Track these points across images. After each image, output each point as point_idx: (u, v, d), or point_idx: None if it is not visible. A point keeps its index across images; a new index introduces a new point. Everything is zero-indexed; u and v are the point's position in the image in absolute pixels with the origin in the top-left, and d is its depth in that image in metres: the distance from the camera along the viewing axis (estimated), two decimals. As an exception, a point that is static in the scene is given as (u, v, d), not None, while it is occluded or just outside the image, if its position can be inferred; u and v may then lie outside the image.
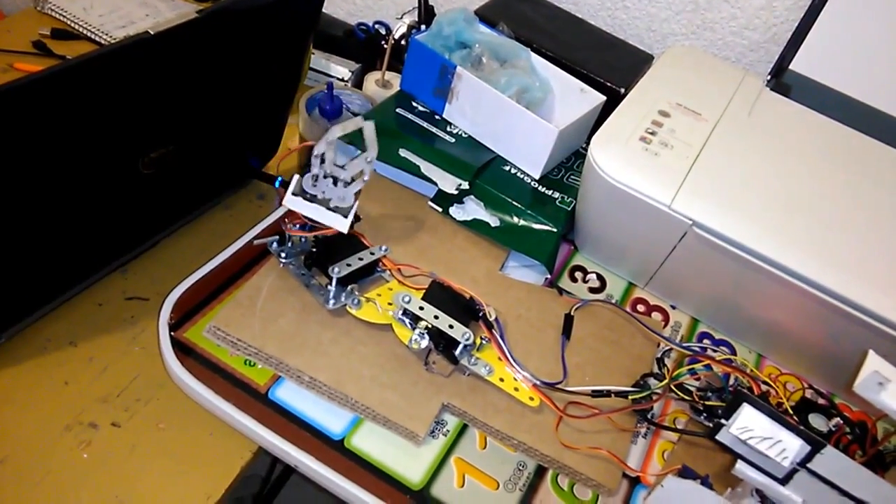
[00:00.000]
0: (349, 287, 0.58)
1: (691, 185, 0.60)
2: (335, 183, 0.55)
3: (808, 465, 0.41)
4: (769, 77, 0.77)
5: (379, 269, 0.61)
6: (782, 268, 0.57)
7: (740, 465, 0.44)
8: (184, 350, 0.55)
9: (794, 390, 0.65)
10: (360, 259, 0.59)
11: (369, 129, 0.54)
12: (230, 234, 0.64)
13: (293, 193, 0.55)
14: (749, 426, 0.42)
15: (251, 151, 0.77)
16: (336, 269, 0.57)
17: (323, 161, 0.54)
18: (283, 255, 0.60)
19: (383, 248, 0.61)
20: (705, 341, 0.69)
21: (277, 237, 0.61)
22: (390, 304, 0.58)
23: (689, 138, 0.64)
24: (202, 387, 0.53)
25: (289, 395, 0.54)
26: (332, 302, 0.57)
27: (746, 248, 0.57)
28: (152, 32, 0.48)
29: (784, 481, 0.43)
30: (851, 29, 0.75)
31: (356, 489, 0.50)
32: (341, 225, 0.56)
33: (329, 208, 0.56)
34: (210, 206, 0.75)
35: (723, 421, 0.44)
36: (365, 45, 0.98)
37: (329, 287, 0.57)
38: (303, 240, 0.60)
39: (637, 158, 0.61)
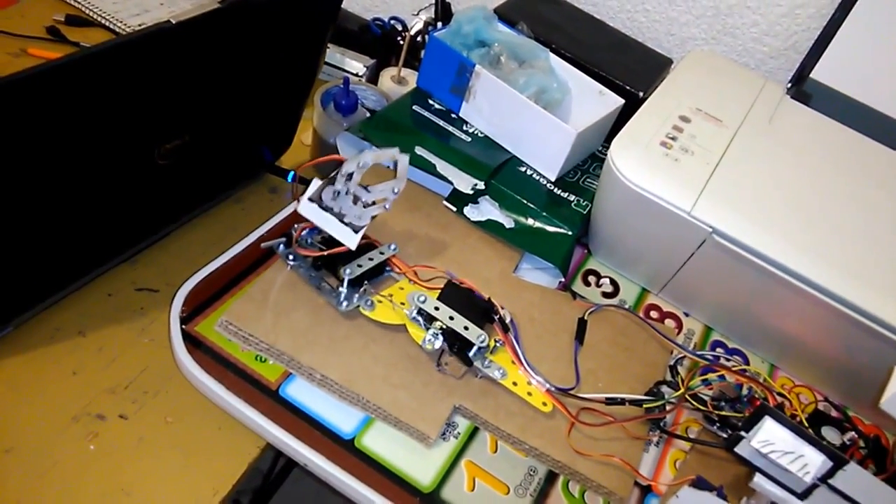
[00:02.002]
0: (361, 288, 0.57)
1: (712, 191, 0.59)
2: (354, 201, 0.54)
3: (830, 481, 0.41)
4: (790, 85, 0.77)
5: (388, 269, 0.61)
6: (802, 278, 0.56)
7: (758, 479, 0.44)
8: (193, 343, 0.54)
9: (808, 402, 0.65)
10: (371, 259, 0.58)
11: (403, 162, 0.53)
12: (241, 227, 0.64)
13: (310, 199, 0.54)
14: (770, 440, 0.41)
15: (265, 145, 0.76)
16: (347, 271, 0.56)
17: (349, 179, 0.53)
18: (290, 257, 0.59)
19: (392, 246, 0.60)
20: (718, 350, 0.68)
21: (284, 239, 0.60)
22: (403, 303, 0.57)
23: (710, 144, 0.64)
24: (213, 381, 0.52)
25: (300, 392, 0.53)
26: (344, 304, 0.56)
27: (766, 257, 0.57)
28: (174, 21, 0.48)
29: (803, 496, 0.42)
30: (874, 39, 0.75)
31: (365, 490, 0.49)
32: (351, 241, 0.55)
33: (342, 222, 0.55)
34: (222, 198, 0.74)
35: (742, 433, 0.43)
36: (380, 41, 0.97)
37: (340, 289, 0.57)
38: (309, 241, 0.59)
39: (657, 163, 0.61)
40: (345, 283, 0.56)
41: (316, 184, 0.55)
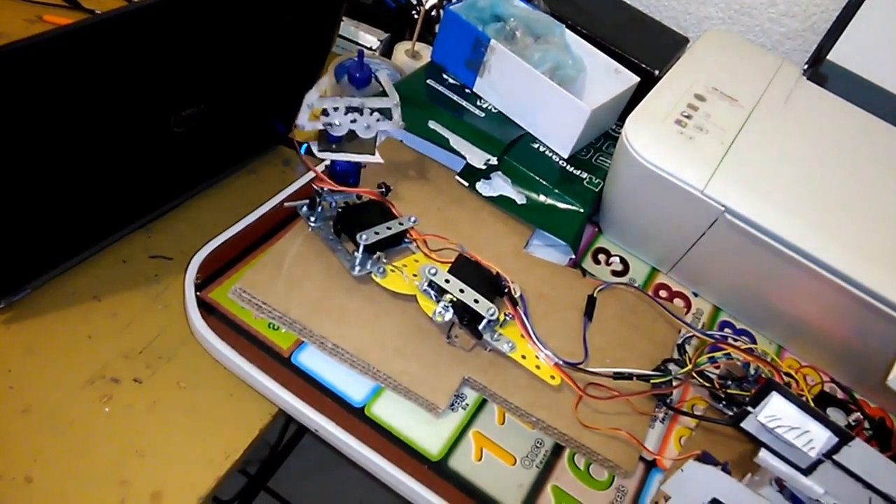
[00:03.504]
0: (376, 255, 0.58)
1: (725, 170, 0.59)
2: (360, 113, 0.58)
3: (835, 457, 0.41)
4: (806, 66, 0.76)
5: (406, 241, 0.61)
6: (814, 259, 0.56)
7: (763, 454, 0.44)
8: (207, 310, 0.55)
9: (814, 383, 0.65)
10: (389, 228, 0.59)
11: (382, 76, 0.61)
12: (254, 197, 0.64)
13: (320, 150, 0.58)
14: (777, 415, 0.42)
15: (278, 117, 0.76)
16: (364, 237, 0.56)
17: (333, 111, 0.57)
18: (312, 219, 0.60)
19: (412, 218, 0.61)
20: (726, 330, 0.68)
21: (307, 201, 0.61)
22: (415, 275, 0.58)
23: (725, 123, 0.64)
24: (226, 347, 0.53)
25: (311, 360, 0.54)
26: (357, 269, 0.57)
27: (778, 237, 0.57)
28: (191, -13, 0.48)
29: (807, 472, 0.43)
30: (892, 22, 0.74)
31: (375, 457, 0.50)
32: (374, 158, 0.59)
33: (355, 152, 0.59)
34: (235, 169, 0.75)
35: (749, 409, 0.44)
36: (395, 15, 0.96)
37: (356, 254, 0.57)
38: (332, 205, 0.60)
39: (672, 141, 0.61)
40: (360, 249, 0.57)
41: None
